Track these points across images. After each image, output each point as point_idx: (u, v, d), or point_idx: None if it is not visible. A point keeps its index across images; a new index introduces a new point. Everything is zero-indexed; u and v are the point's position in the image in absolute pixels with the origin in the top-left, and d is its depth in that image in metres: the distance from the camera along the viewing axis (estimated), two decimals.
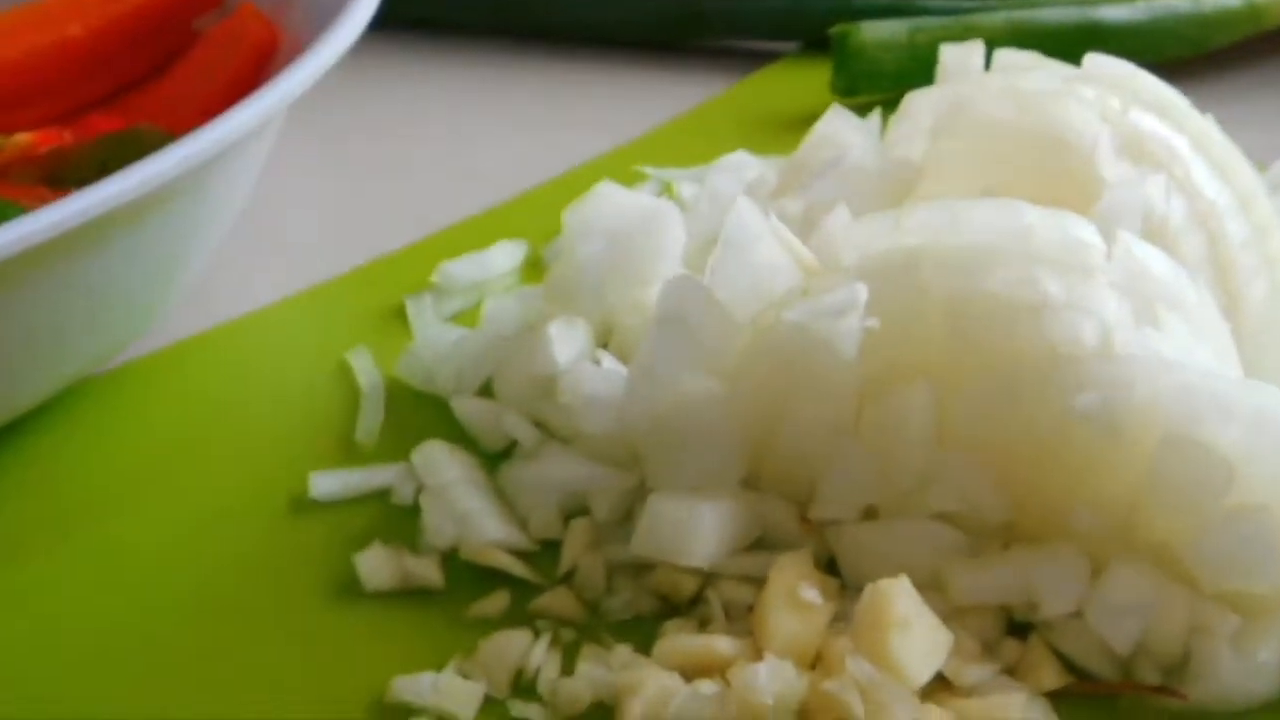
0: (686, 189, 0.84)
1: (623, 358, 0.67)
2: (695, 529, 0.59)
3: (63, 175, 0.69)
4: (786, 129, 0.94)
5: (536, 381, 0.67)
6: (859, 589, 0.57)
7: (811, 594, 0.57)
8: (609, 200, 0.70)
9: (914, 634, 0.53)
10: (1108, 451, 0.57)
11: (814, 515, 0.61)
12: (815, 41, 1.02)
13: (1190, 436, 0.55)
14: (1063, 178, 0.65)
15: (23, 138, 0.72)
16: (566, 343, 0.66)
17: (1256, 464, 0.56)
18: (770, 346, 0.60)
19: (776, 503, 0.62)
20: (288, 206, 0.88)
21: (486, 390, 0.71)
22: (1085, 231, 0.59)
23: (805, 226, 0.66)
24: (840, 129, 0.72)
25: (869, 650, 0.53)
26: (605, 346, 0.69)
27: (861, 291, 0.58)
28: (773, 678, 0.52)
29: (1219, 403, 0.56)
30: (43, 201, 0.64)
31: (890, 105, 0.74)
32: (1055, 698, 0.56)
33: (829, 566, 0.61)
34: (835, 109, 0.74)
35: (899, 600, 0.53)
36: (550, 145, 0.94)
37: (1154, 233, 0.63)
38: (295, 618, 0.61)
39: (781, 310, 0.59)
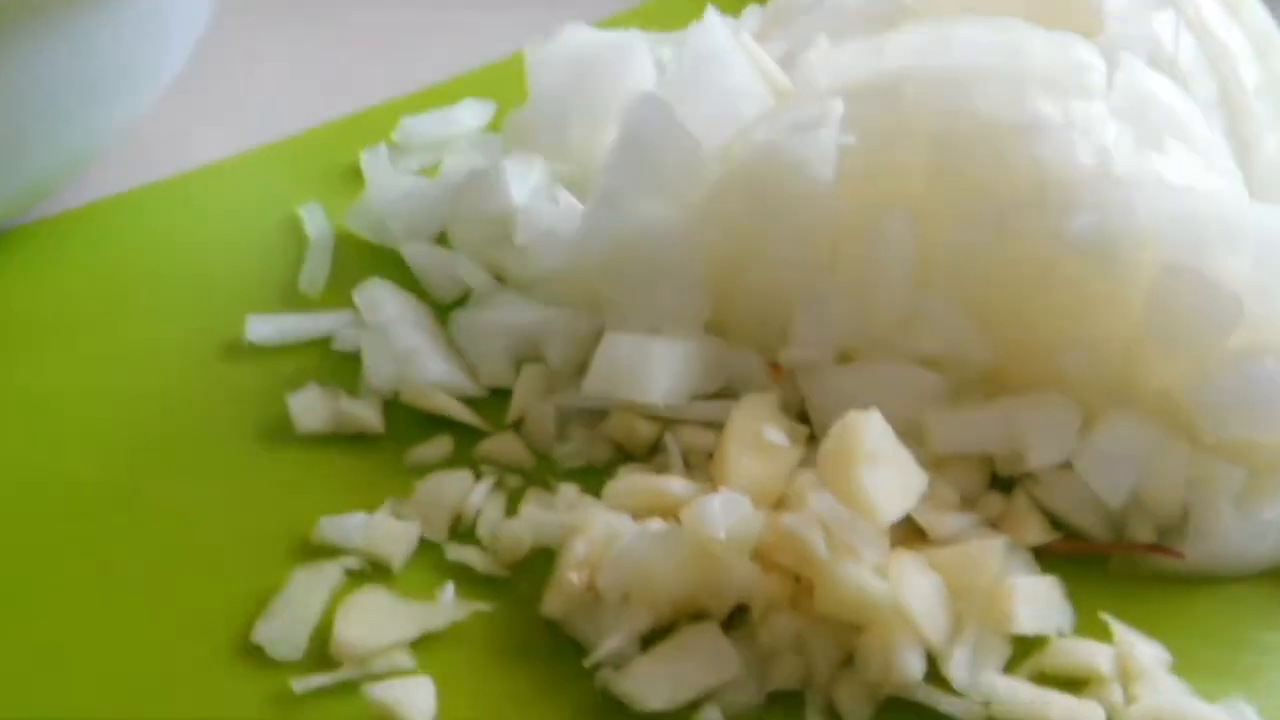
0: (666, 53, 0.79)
1: (583, 198, 0.62)
2: (652, 366, 0.54)
3: None
4: None
5: (492, 224, 0.62)
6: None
7: (776, 435, 0.52)
8: (573, 36, 0.65)
9: (884, 469, 0.48)
10: (1103, 284, 0.52)
11: (784, 359, 0.56)
12: None
13: (1194, 266, 0.50)
14: (1061, 12, 0.60)
15: None
16: (522, 180, 0.62)
17: (1266, 298, 0.51)
18: (739, 174, 0.55)
19: (744, 349, 0.57)
20: (246, 63, 0.83)
21: (442, 242, 0.66)
22: (1085, 52, 0.54)
23: (787, 69, 0.61)
24: None
25: (835, 485, 0.48)
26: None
27: (837, 105, 0.53)
28: (727, 511, 0.47)
29: (1227, 229, 0.51)
30: None
31: None
32: (1039, 556, 0.51)
33: (799, 418, 0.56)
34: None
35: (869, 433, 0.48)
36: (523, 19, 0.89)
37: (1161, 73, 0.58)
38: (223, 459, 0.57)
39: (751, 132, 0.55)
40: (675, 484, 0.51)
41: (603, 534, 0.49)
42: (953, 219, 0.54)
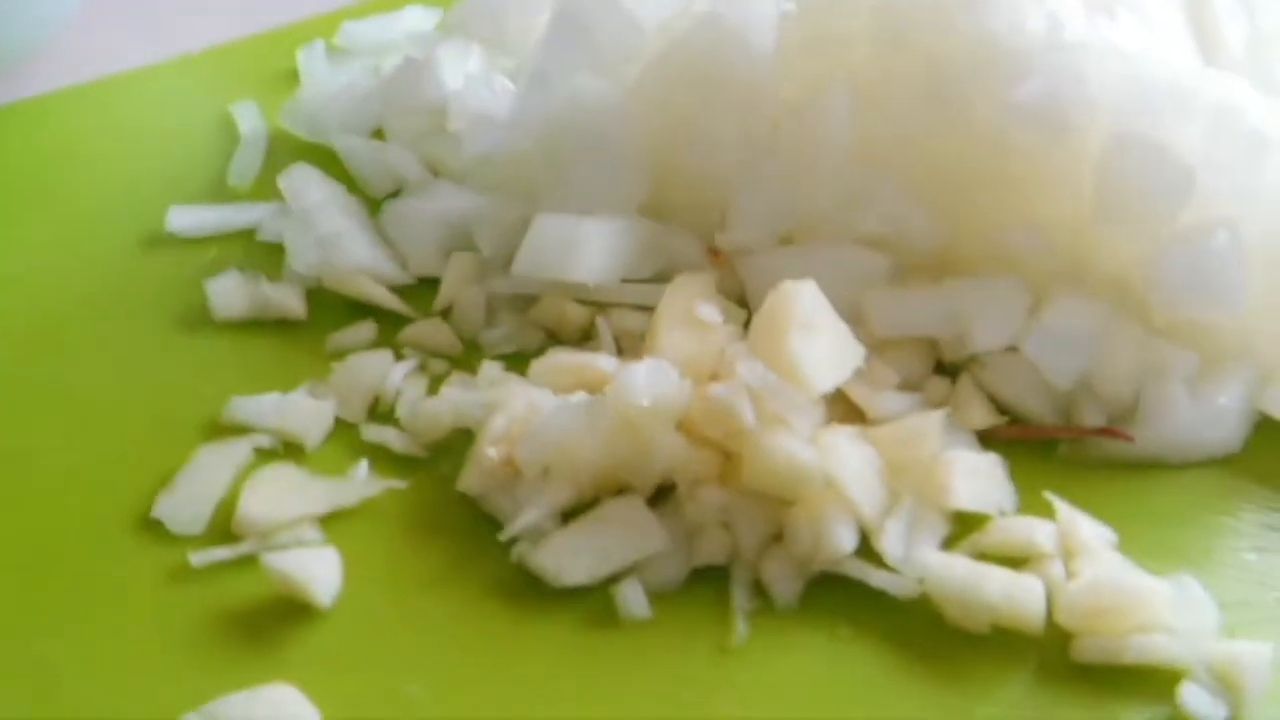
0: None
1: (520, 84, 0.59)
2: (582, 246, 0.52)
3: None
4: None
5: (426, 113, 0.60)
6: None
7: (709, 311, 0.50)
8: None
9: (818, 338, 0.46)
10: (1053, 158, 0.49)
11: (723, 242, 0.53)
12: None
13: (1145, 135, 0.48)
14: None
15: None
16: (457, 66, 0.59)
17: (1220, 170, 0.49)
18: (678, 49, 0.53)
19: (681, 233, 0.55)
20: None
21: (379, 138, 0.63)
22: None
23: None
24: None
25: (765, 353, 0.46)
26: None
27: None
28: (652, 380, 0.45)
29: (1179, 97, 0.48)
30: None
31: None
32: (984, 441, 0.49)
33: (740, 305, 0.53)
34: None
35: (803, 301, 0.46)
36: None
37: None
38: (137, 344, 0.54)
39: (691, 4, 0.52)
40: (602, 360, 0.49)
41: (523, 408, 0.47)
42: (896, 92, 0.51)
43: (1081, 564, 0.44)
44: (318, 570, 0.44)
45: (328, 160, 0.63)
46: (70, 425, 0.51)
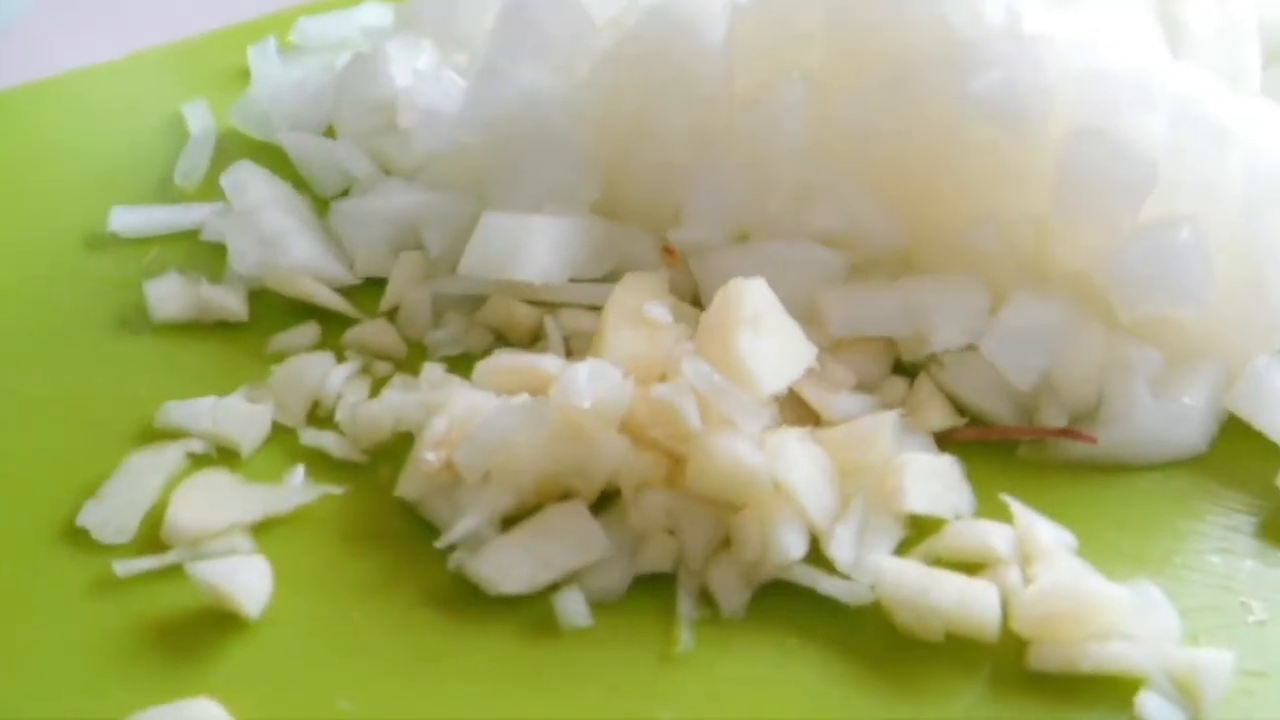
0: None
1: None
2: (530, 244, 0.50)
3: None
4: None
5: (376, 110, 0.58)
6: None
7: (658, 311, 0.48)
8: None
9: (767, 337, 0.44)
10: (1012, 152, 0.48)
11: (677, 239, 0.52)
12: None
13: (1106, 129, 0.47)
14: None
15: None
16: (407, 61, 0.58)
17: (1183, 163, 0.47)
18: (629, 41, 0.51)
19: (634, 230, 0.53)
20: None
21: (330, 136, 0.62)
22: None
23: None
24: None
25: (712, 353, 0.44)
26: None
27: None
28: (594, 381, 0.44)
29: (1141, 88, 0.47)
30: None
31: None
32: (943, 443, 0.47)
33: (694, 304, 0.52)
34: None
35: (751, 299, 0.45)
36: None
37: None
38: (71, 348, 0.53)
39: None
40: (548, 361, 0.47)
41: (465, 411, 0.45)
42: (852, 85, 0.50)
43: (1039, 569, 0.43)
44: (247, 580, 0.42)
45: (278, 159, 0.61)
46: None
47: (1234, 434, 0.48)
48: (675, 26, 0.50)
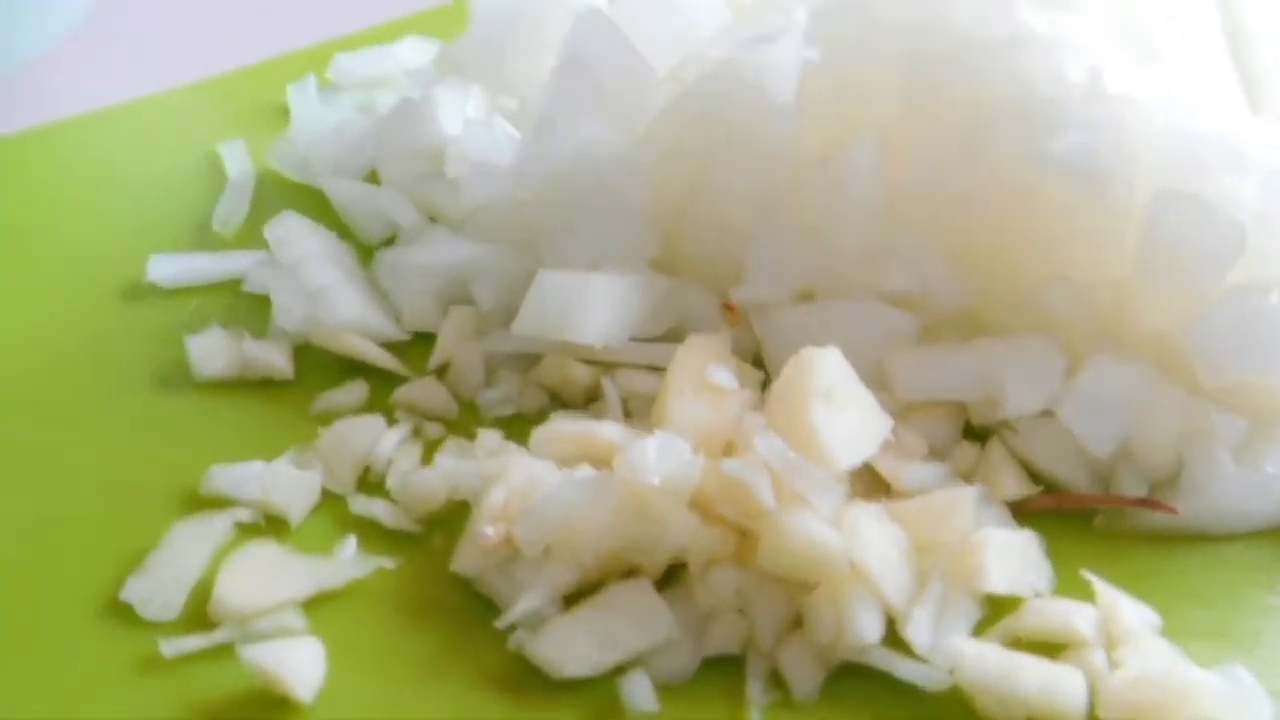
0: None
1: (523, 129, 0.56)
2: (588, 304, 0.49)
3: None
4: None
5: (423, 157, 0.56)
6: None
7: (723, 376, 0.46)
8: None
9: (841, 410, 0.43)
10: (1092, 214, 0.46)
11: (738, 298, 0.50)
12: None
13: (1192, 191, 0.45)
14: None
15: None
16: (456, 109, 0.56)
17: (1272, 227, 0.45)
18: (692, 96, 0.49)
19: (694, 288, 0.51)
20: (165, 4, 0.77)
21: (373, 181, 0.60)
22: None
23: None
24: None
25: (784, 427, 0.42)
26: None
27: (799, 15, 0.48)
28: (663, 455, 0.42)
29: (1229, 150, 0.45)
30: None
31: None
32: (1017, 512, 0.46)
33: (756, 364, 0.50)
34: None
35: (825, 370, 0.43)
36: None
37: None
38: (110, 406, 0.51)
39: (707, 50, 0.49)
40: (608, 429, 0.46)
41: (523, 482, 0.44)
42: (925, 144, 0.48)
43: (1125, 652, 0.41)
44: (299, 663, 0.40)
45: (318, 203, 0.60)
46: (36, 496, 0.48)
47: None
48: (741, 85, 0.48)
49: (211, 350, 0.52)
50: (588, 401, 0.50)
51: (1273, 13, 0.54)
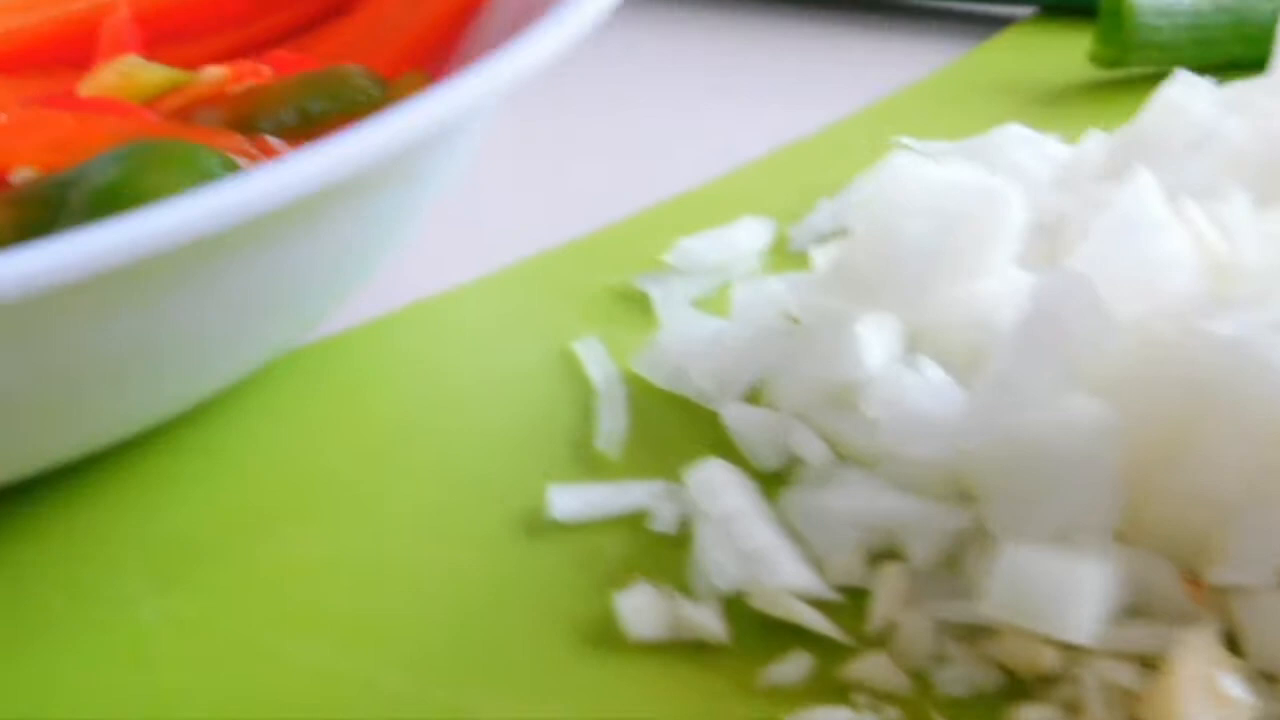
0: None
1: (946, 369, 0.53)
2: (1074, 592, 0.46)
3: (256, 119, 0.55)
4: (1040, 101, 0.82)
5: (832, 390, 0.54)
6: (1272, 679, 0.44)
7: (1235, 686, 0.43)
8: (915, 176, 0.56)
9: None
10: None
11: (1212, 577, 0.47)
12: (1054, 6, 0.92)
13: None
14: None
15: (214, 73, 0.58)
16: (877, 344, 0.53)
17: None
18: (1174, 361, 0.46)
19: (1155, 559, 0.48)
20: (488, 178, 0.74)
21: (752, 398, 0.58)
22: None
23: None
24: (1191, 97, 0.59)
25: None
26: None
27: None
28: None
29: None
30: (244, 153, 0.51)
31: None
32: None
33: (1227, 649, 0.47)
34: (1181, 73, 0.60)
35: None
36: (773, 114, 0.81)
37: None
38: (529, 668, 0.48)
39: (1192, 320, 0.46)
40: None
41: None
42: None
43: None
44: None
45: (694, 415, 0.58)
46: None
47: None
48: (1240, 361, 0.45)
49: (643, 609, 0.49)
50: (1046, 681, 0.47)
51: None
